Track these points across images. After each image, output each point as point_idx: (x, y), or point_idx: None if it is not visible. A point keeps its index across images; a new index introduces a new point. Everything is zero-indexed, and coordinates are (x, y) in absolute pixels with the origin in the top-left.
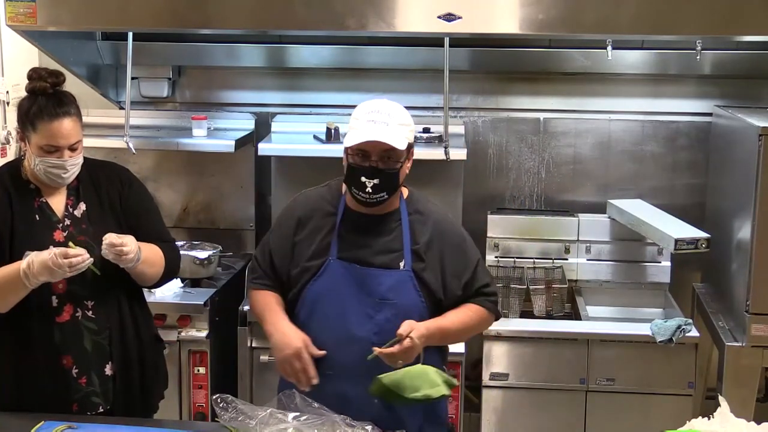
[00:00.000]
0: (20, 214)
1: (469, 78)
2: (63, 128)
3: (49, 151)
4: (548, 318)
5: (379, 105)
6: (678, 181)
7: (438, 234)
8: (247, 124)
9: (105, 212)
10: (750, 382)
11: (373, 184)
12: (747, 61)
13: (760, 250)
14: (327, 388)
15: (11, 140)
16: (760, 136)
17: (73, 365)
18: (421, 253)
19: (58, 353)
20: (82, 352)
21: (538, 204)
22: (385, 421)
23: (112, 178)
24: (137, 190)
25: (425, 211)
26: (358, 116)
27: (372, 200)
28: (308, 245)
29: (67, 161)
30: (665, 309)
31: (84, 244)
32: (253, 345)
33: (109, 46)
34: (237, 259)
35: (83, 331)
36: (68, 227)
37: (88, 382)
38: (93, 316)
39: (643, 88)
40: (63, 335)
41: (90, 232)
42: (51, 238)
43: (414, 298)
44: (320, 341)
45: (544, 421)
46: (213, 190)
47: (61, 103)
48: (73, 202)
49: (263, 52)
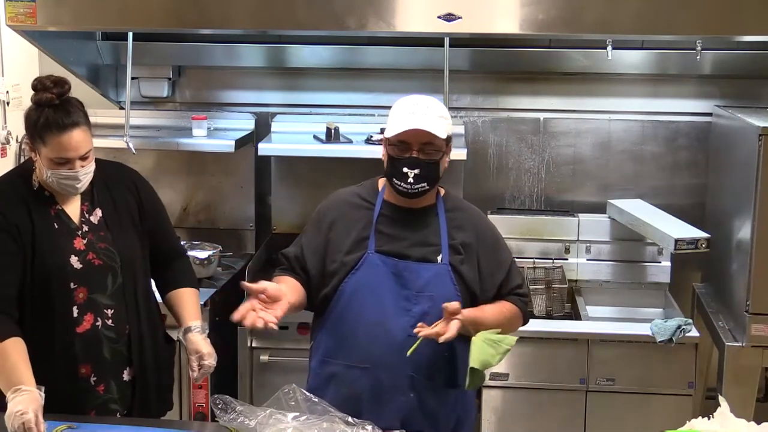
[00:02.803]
0: (40, 224)
1: (469, 78)
2: (72, 140)
3: (59, 163)
4: (548, 318)
5: (417, 99)
6: (678, 181)
7: (474, 231)
8: (247, 124)
9: (121, 216)
10: (750, 382)
11: (414, 174)
12: (747, 61)
13: (760, 250)
14: (363, 381)
15: (11, 140)
16: (760, 136)
17: (91, 374)
18: (458, 248)
19: (77, 363)
20: (101, 360)
21: (538, 204)
22: (419, 416)
23: (126, 182)
24: (152, 198)
25: (462, 207)
26: (397, 110)
27: (414, 190)
28: (345, 240)
29: (78, 172)
30: (665, 309)
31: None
32: (253, 345)
33: (109, 46)
34: (237, 259)
35: (103, 340)
36: (87, 234)
37: (106, 389)
38: (112, 324)
39: (643, 88)
40: (83, 345)
41: (109, 238)
42: (72, 247)
43: (451, 291)
44: (356, 334)
45: (544, 421)
46: (213, 190)
47: (69, 114)
48: (89, 208)
49: (263, 52)
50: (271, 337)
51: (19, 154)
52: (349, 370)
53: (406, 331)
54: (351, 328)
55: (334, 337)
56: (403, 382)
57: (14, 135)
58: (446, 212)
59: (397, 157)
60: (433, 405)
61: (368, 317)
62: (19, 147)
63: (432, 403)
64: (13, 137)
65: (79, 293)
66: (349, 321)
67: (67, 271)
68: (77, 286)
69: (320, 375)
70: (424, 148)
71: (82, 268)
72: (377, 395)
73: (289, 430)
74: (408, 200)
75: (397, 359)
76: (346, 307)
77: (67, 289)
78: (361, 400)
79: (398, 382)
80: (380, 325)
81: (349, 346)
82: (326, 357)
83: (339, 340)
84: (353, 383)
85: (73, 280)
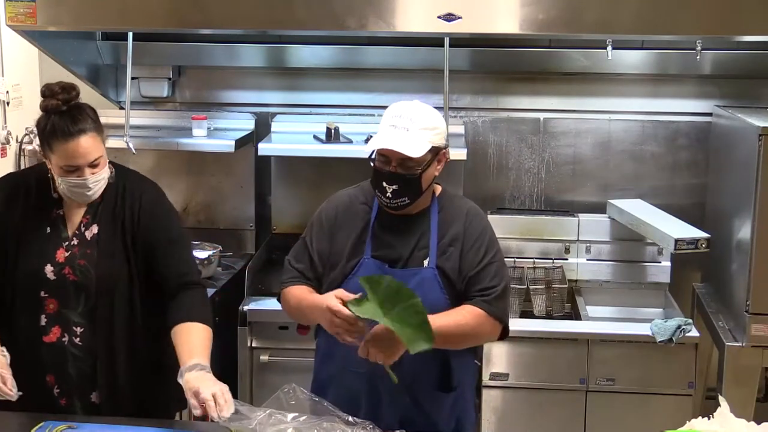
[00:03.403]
0: (32, 226)
1: (469, 78)
2: (80, 147)
3: (68, 170)
4: (548, 318)
5: (402, 109)
6: (678, 181)
7: (463, 222)
8: (247, 124)
9: (115, 237)
10: (750, 382)
11: (392, 189)
12: (747, 61)
13: (760, 250)
14: (359, 384)
15: (11, 140)
16: (760, 136)
17: (54, 385)
18: (446, 247)
19: (43, 370)
20: (65, 375)
21: (538, 204)
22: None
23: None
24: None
25: (455, 202)
26: (383, 119)
27: (393, 204)
28: (345, 243)
29: (88, 179)
30: (665, 309)
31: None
32: (253, 345)
33: (109, 46)
34: (237, 259)
35: (68, 356)
36: (73, 247)
37: (69, 405)
38: (80, 343)
39: (643, 88)
40: (49, 355)
41: (93, 258)
42: (52, 256)
43: (438, 295)
44: None
45: (544, 421)
46: (213, 190)
47: (76, 121)
48: (88, 222)
49: (263, 52)
50: (272, 337)
51: (19, 154)
52: (347, 373)
53: None
54: None
55: (331, 340)
56: (399, 387)
57: (14, 135)
58: (438, 213)
59: (378, 170)
60: (430, 408)
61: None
62: (19, 147)
63: (429, 406)
64: (13, 137)
65: (49, 303)
66: None
67: (39, 278)
68: (48, 296)
69: (321, 374)
70: (403, 163)
71: (55, 280)
72: (375, 398)
73: (289, 430)
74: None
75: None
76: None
77: (37, 296)
78: (360, 402)
79: (394, 387)
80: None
81: (345, 350)
82: (325, 358)
83: (335, 343)
84: (351, 385)
85: (44, 289)
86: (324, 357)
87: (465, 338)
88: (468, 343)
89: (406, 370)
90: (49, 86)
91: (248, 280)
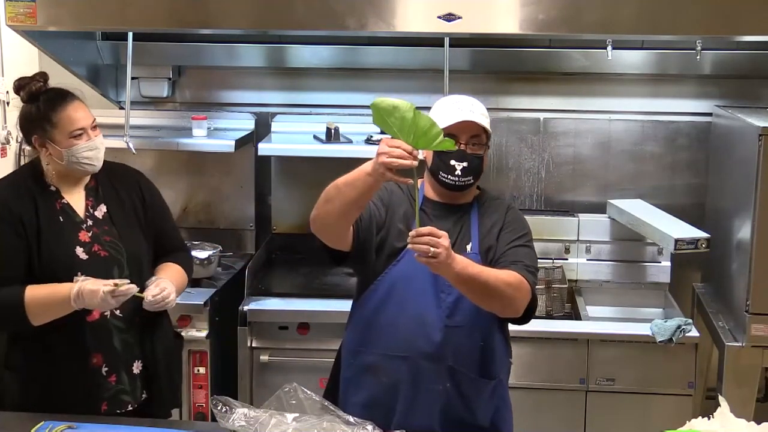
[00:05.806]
0: (45, 218)
1: (469, 78)
2: (80, 108)
3: (76, 136)
4: (548, 318)
5: (459, 98)
6: (678, 181)
7: (504, 212)
8: (247, 124)
9: (126, 213)
10: (750, 382)
11: (462, 167)
12: (747, 61)
13: (760, 250)
14: (402, 370)
15: (11, 140)
16: (760, 136)
17: (103, 364)
18: (486, 232)
19: (88, 352)
20: (111, 350)
21: (538, 204)
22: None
23: (130, 181)
24: (156, 197)
25: (495, 202)
26: (441, 106)
27: (460, 183)
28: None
29: (96, 140)
30: (665, 309)
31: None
32: (253, 345)
33: (109, 46)
34: (237, 259)
35: (112, 330)
36: (92, 227)
37: (118, 380)
38: (120, 315)
39: (643, 88)
40: (93, 334)
41: (114, 233)
42: (77, 238)
43: None
44: (397, 324)
45: (544, 421)
46: (213, 190)
47: (62, 91)
48: (93, 203)
49: (263, 52)
50: (272, 337)
51: (19, 154)
52: (389, 360)
53: (442, 321)
54: (391, 318)
55: (371, 326)
56: (441, 371)
57: (14, 135)
58: (479, 207)
59: (444, 151)
60: (470, 394)
61: (408, 308)
62: (19, 147)
63: (469, 393)
64: (13, 137)
65: None
66: (389, 311)
67: (73, 261)
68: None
69: (353, 365)
70: (471, 141)
71: (88, 259)
72: (416, 384)
73: (290, 430)
74: (451, 195)
75: (435, 349)
76: (386, 298)
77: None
78: (400, 390)
79: (436, 372)
80: (419, 315)
81: (388, 335)
82: (360, 347)
83: (378, 329)
84: (393, 373)
85: (79, 270)
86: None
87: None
88: (501, 299)
89: (449, 355)
90: (22, 78)
91: (248, 280)
